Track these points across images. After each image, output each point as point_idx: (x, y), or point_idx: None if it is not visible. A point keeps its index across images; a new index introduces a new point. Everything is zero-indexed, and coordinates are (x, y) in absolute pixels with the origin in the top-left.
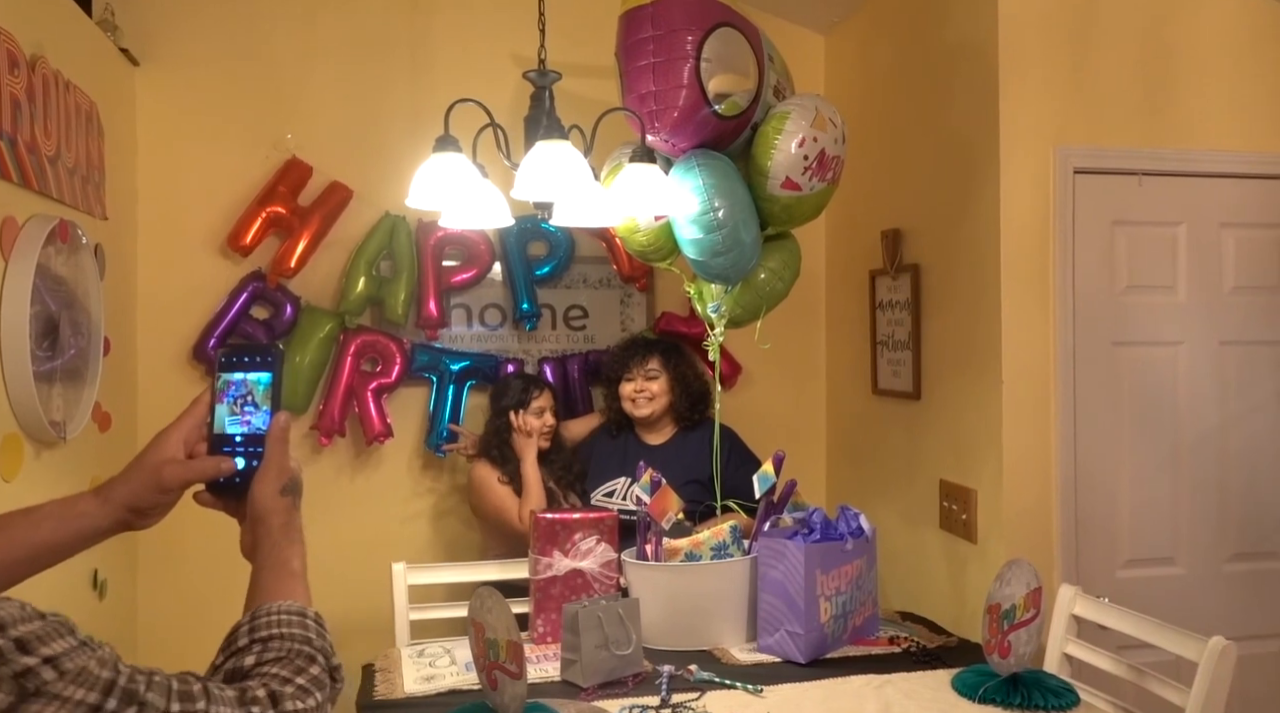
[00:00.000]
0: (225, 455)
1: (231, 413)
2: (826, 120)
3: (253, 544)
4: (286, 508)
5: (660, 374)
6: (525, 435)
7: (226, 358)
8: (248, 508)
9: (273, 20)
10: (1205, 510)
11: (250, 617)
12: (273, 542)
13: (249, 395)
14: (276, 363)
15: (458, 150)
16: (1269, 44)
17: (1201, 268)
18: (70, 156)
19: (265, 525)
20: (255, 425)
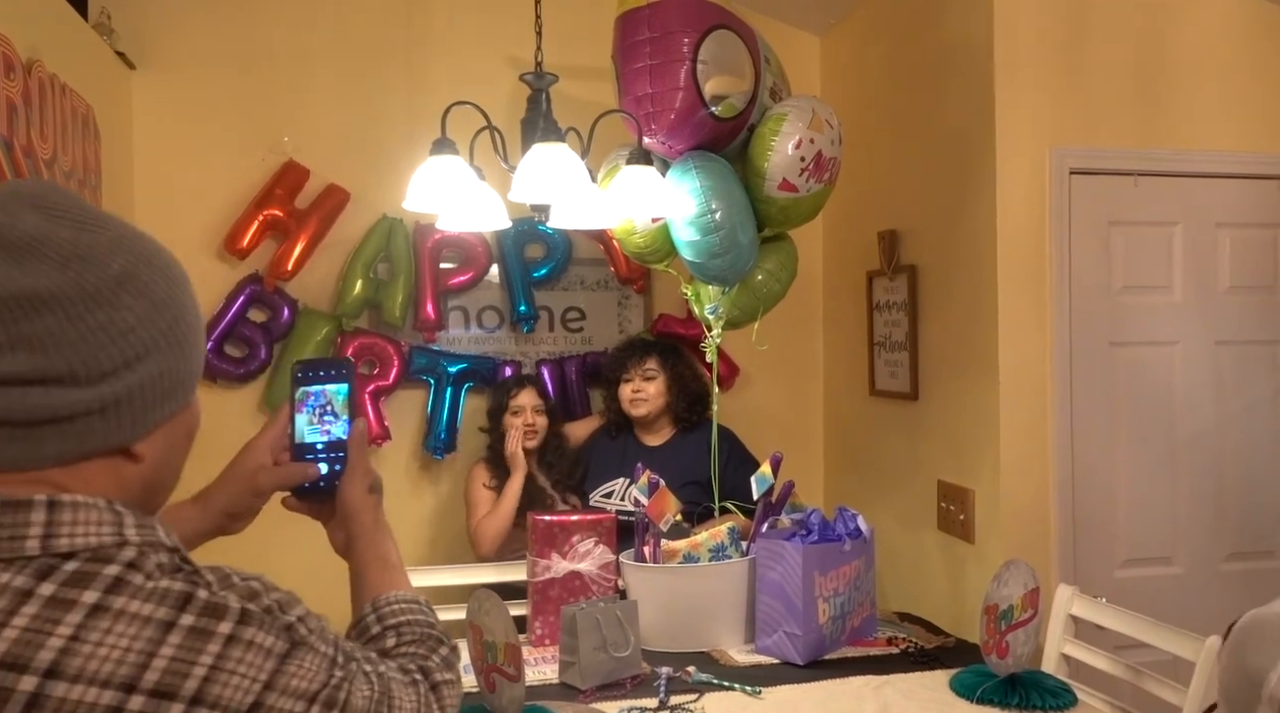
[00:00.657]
0: (309, 462)
1: (310, 423)
2: (823, 122)
3: (346, 542)
4: (375, 505)
5: (658, 374)
6: (512, 450)
7: (303, 372)
8: (339, 508)
9: (269, 23)
10: (1202, 510)
11: (372, 606)
12: (369, 537)
13: (329, 405)
14: (351, 374)
15: (455, 153)
16: (1264, 44)
17: (1197, 268)
18: (66, 160)
19: (359, 523)
20: (335, 433)
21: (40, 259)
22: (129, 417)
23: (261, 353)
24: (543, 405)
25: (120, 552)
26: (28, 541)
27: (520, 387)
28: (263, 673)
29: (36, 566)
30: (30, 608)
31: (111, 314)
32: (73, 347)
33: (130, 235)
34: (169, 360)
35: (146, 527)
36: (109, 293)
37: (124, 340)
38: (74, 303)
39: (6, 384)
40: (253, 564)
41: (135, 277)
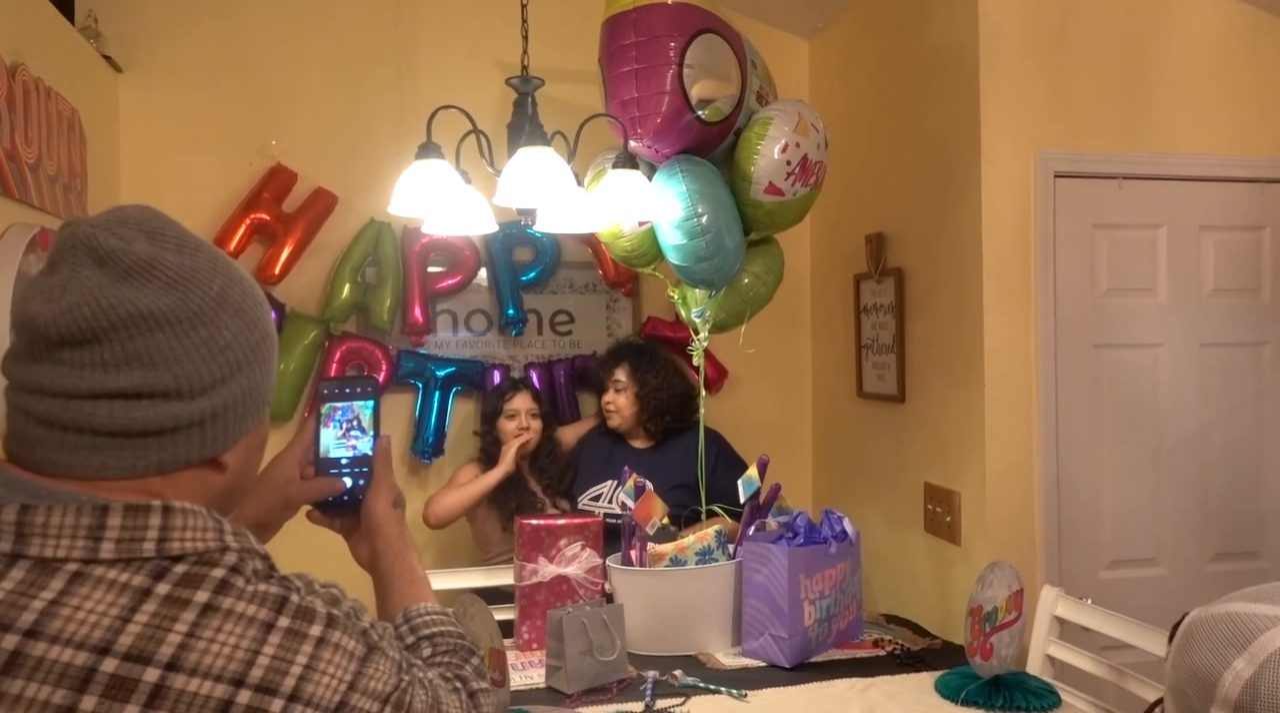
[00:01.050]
0: (334, 477)
1: (337, 438)
2: (809, 126)
3: (371, 555)
4: (399, 519)
5: (626, 387)
6: (508, 449)
7: (330, 389)
8: (364, 522)
9: (257, 27)
10: (1187, 511)
11: (404, 618)
12: (395, 551)
13: (356, 421)
14: (378, 392)
15: (440, 157)
16: (1246, 47)
17: (1181, 271)
18: (51, 164)
19: (384, 537)
20: (361, 449)
21: (151, 281)
22: (222, 429)
23: None
24: (537, 409)
25: (223, 557)
26: (145, 543)
27: (515, 390)
28: (348, 674)
29: (152, 567)
30: (150, 605)
31: (212, 332)
32: (179, 362)
33: (221, 257)
34: (256, 375)
35: (242, 534)
36: (210, 312)
37: (222, 356)
38: (181, 322)
39: (119, 397)
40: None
41: (231, 296)
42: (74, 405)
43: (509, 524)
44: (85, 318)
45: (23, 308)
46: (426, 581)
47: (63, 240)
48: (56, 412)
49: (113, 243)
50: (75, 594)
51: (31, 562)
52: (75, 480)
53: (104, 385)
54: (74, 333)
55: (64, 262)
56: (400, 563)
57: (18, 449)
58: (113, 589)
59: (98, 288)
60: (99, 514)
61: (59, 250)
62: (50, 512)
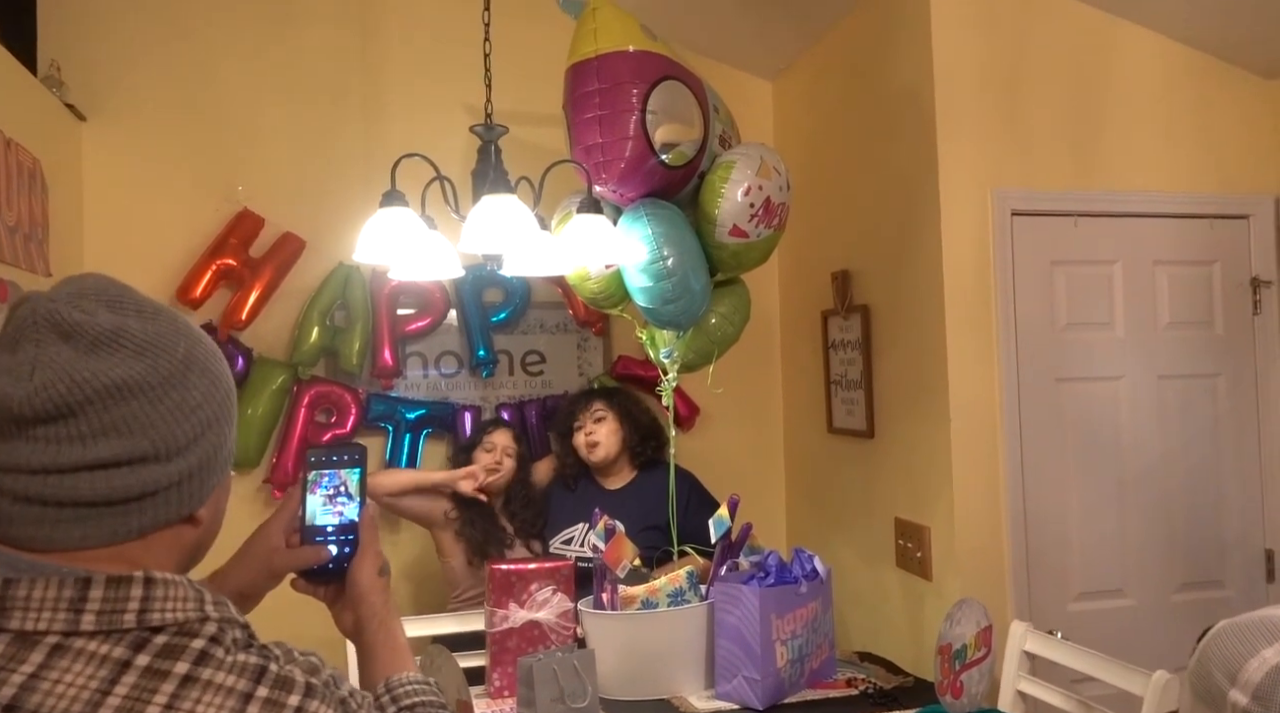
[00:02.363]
0: (320, 545)
1: (323, 505)
2: (771, 168)
3: (355, 623)
4: (383, 587)
5: (606, 414)
6: (473, 469)
7: (317, 457)
8: (349, 590)
9: (223, 73)
10: (1152, 541)
11: (386, 687)
12: (379, 619)
13: (342, 488)
14: (364, 459)
15: (404, 204)
16: (1192, 87)
17: (1137, 305)
18: (11, 215)
19: (368, 604)
20: (347, 516)
21: (119, 350)
22: (197, 485)
23: None
24: (515, 449)
25: (203, 627)
26: (126, 614)
27: (498, 426)
28: None
29: (132, 638)
30: (129, 678)
31: (184, 394)
32: (154, 427)
33: (180, 318)
34: (225, 430)
35: (222, 603)
36: (180, 374)
37: (194, 416)
38: (153, 387)
39: (100, 468)
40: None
41: (196, 357)
42: (54, 480)
43: (475, 559)
44: (60, 394)
45: None
46: (409, 650)
47: (22, 317)
48: (36, 488)
49: (76, 316)
50: (55, 668)
51: (11, 635)
52: (56, 553)
53: (83, 458)
54: (49, 410)
55: (27, 338)
56: (384, 632)
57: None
58: (92, 662)
59: (68, 363)
60: (81, 586)
61: (20, 328)
62: (33, 585)
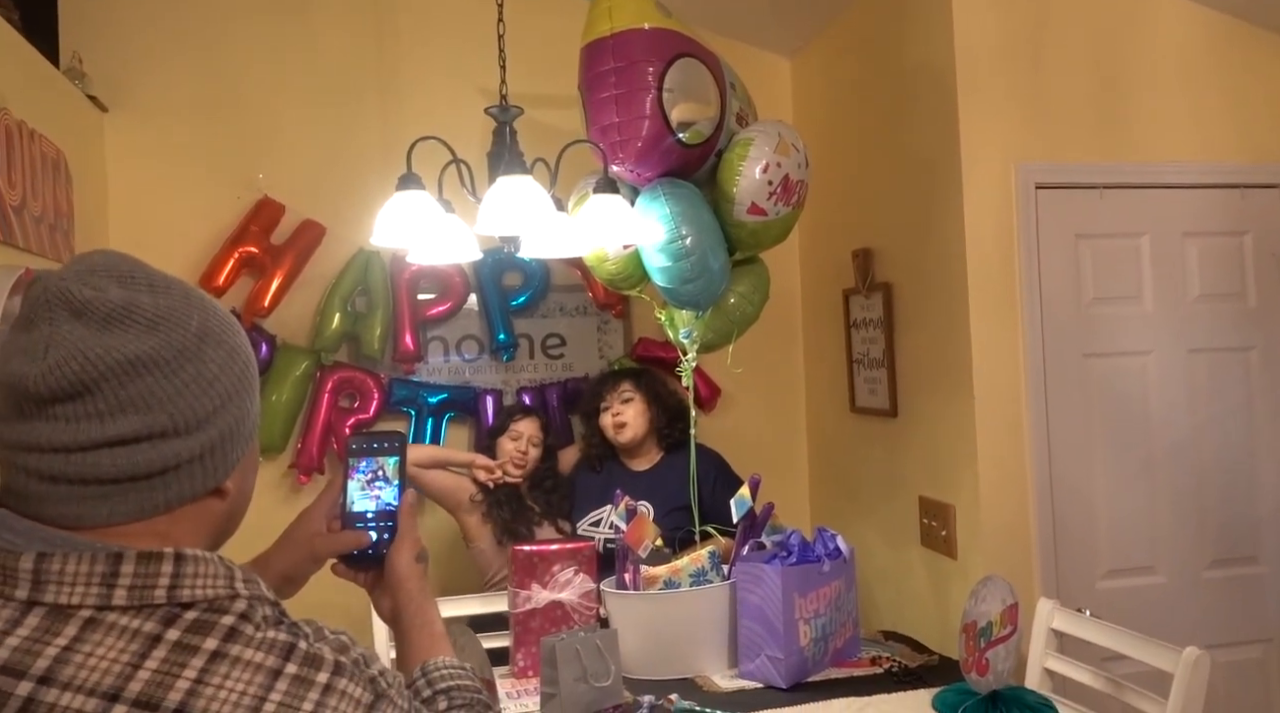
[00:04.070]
0: (360, 530)
1: (362, 490)
2: (789, 146)
3: (393, 608)
4: (421, 574)
5: (634, 395)
6: (491, 462)
7: (358, 445)
8: (387, 576)
9: (241, 62)
10: (1182, 518)
11: (422, 672)
12: (416, 604)
13: (381, 474)
14: (403, 447)
15: (420, 188)
16: (1221, 54)
17: (1166, 277)
18: (36, 205)
19: (406, 590)
20: (385, 502)
21: (132, 326)
22: (221, 458)
23: None
24: (541, 438)
25: (233, 603)
26: (157, 590)
27: (526, 415)
28: None
29: (163, 613)
30: (159, 652)
31: (199, 366)
32: (171, 401)
33: (194, 291)
34: (246, 402)
35: (252, 581)
36: (194, 347)
37: (212, 389)
38: (168, 361)
39: (120, 444)
40: None
41: (211, 329)
42: (75, 458)
43: (505, 539)
44: (74, 372)
45: (4, 368)
46: (446, 635)
47: (35, 296)
48: (59, 466)
49: (86, 293)
50: (88, 641)
51: (47, 609)
52: (86, 530)
53: (103, 435)
54: (65, 388)
55: (40, 317)
56: (421, 617)
57: (23, 506)
58: (124, 636)
59: (80, 340)
60: (113, 561)
61: (33, 307)
62: (66, 559)
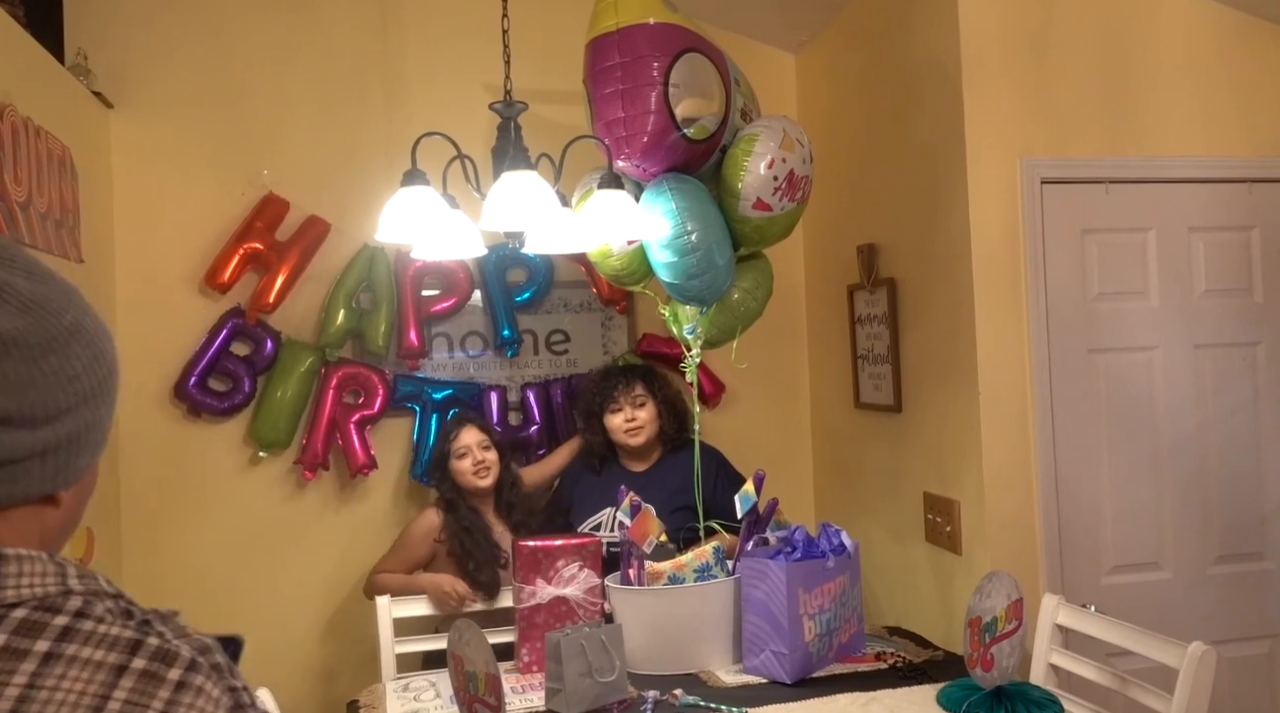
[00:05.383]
0: None
1: None
2: (794, 141)
3: None
4: None
5: (647, 399)
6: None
7: None
8: None
9: (246, 58)
10: (1188, 514)
11: None
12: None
13: None
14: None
15: (425, 183)
16: (1227, 48)
17: (1172, 272)
18: (42, 202)
19: None
20: None
21: (2, 304)
22: (64, 462)
23: (245, 386)
24: (488, 440)
25: (67, 601)
26: None
27: (460, 426)
28: None
29: None
30: None
31: (63, 361)
32: (25, 388)
33: (75, 291)
34: (100, 411)
35: (89, 577)
36: (63, 340)
37: (70, 387)
38: (32, 347)
39: None
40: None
41: (83, 328)
42: None
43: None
44: None
45: None
46: None
47: None
48: None
49: None
50: None
51: None
52: None
53: None
54: None
55: None
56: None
57: None
58: None
59: None
60: None
61: None
62: None
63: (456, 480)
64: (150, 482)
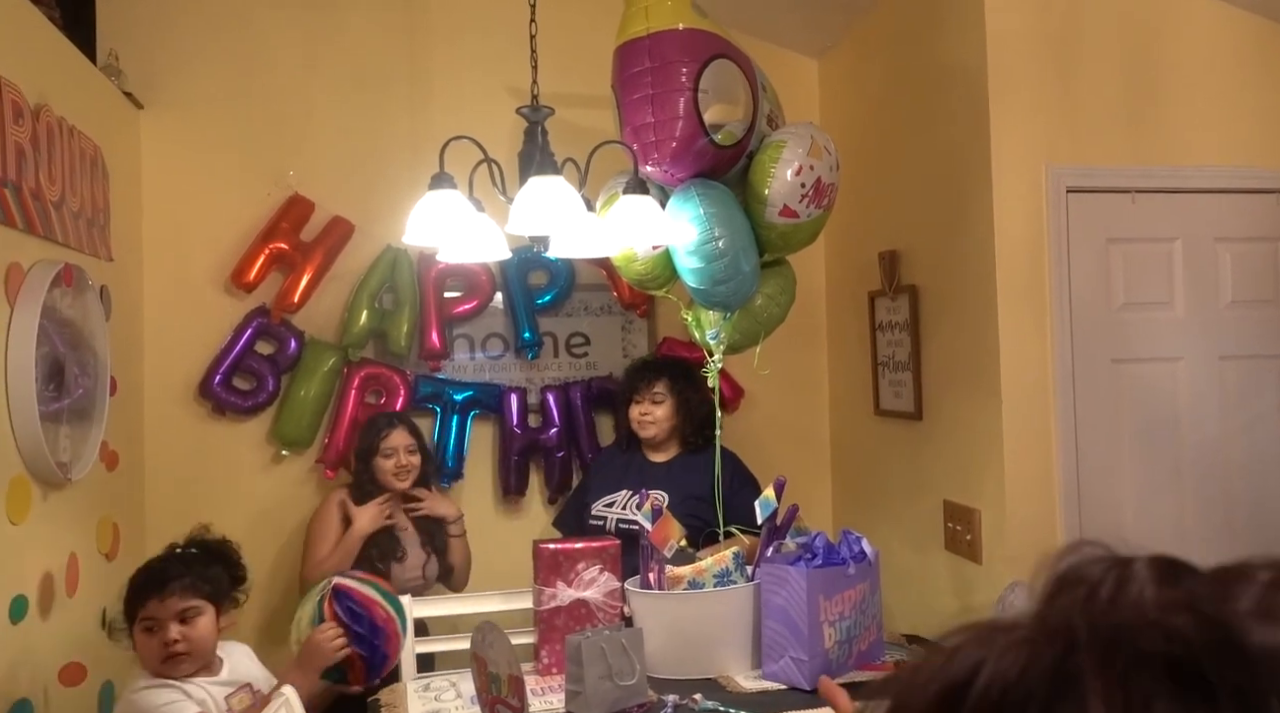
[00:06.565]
0: None
1: None
2: (821, 148)
3: None
4: None
5: (666, 398)
6: (375, 507)
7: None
8: None
9: (273, 60)
10: (1211, 526)
11: None
12: None
13: None
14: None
15: (452, 187)
16: (1255, 58)
17: (1198, 283)
18: (75, 201)
19: None
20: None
21: None
22: None
23: (269, 384)
24: (415, 444)
25: None
26: None
27: (392, 426)
28: None
29: None
30: None
31: None
32: None
33: None
34: None
35: None
36: None
37: None
38: None
39: None
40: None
41: None
42: None
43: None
44: None
45: None
46: None
47: None
48: None
49: None
50: None
51: None
52: None
53: None
54: None
55: None
56: None
57: None
58: None
59: None
60: None
61: None
62: None
63: (375, 476)
64: (174, 479)
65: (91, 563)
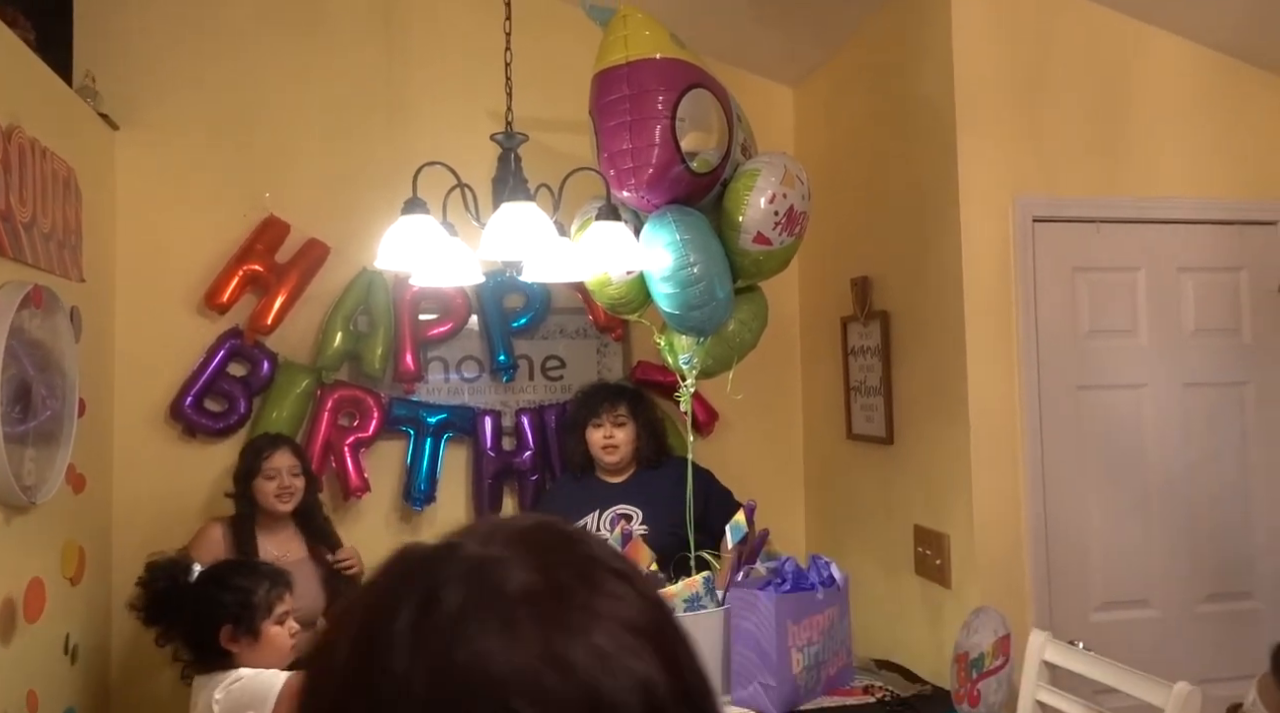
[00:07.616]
0: None
1: None
2: (794, 177)
3: None
4: None
5: (629, 421)
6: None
7: None
8: None
9: (252, 82)
10: (1177, 551)
11: None
12: None
13: None
14: None
15: (425, 212)
16: (1217, 93)
17: (1162, 311)
18: (46, 222)
19: None
20: None
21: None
22: None
23: (241, 406)
24: (299, 466)
25: None
26: None
27: (275, 447)
28: None
29: None
30: None
31: None
32: None
33: None
34: None
35: None
36: None
37: None
38: None
39: None
40: None
41: None
42: None
43: None
44: None
45: None
46: None
47: None
48: None
49: None
50: None
51: None
52: None
53: None
54: None
55: None
56: None
57: None
58: None
59: None
60: None
61: None
62: None
63: (256, 499)
64: (143, 502)
65: (56, 588)
